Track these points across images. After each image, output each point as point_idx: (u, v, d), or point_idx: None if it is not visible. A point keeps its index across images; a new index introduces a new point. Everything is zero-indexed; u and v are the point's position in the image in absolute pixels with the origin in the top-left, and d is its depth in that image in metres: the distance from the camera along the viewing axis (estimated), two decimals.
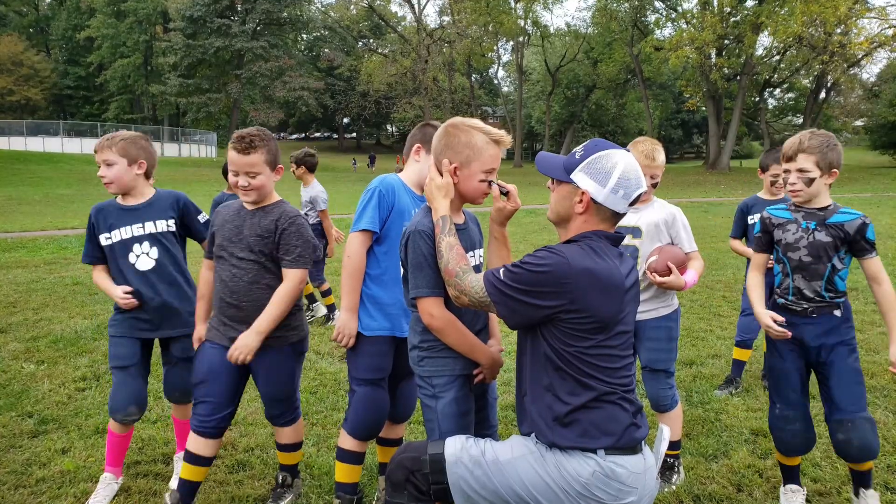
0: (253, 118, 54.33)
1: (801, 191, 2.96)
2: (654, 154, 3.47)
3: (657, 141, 3.58)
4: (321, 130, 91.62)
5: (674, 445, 3.55)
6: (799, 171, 2.94)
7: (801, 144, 2.95)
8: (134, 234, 3.28)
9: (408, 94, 54.85)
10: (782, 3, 40.87)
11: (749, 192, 21.41)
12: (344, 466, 3.07)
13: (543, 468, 2.05)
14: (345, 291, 2.93)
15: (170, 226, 3.36)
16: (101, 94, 67.28)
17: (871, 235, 2.93)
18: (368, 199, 2.89)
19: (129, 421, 3.31)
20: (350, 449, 3.04)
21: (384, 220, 2.88)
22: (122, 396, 3.25)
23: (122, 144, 3.23)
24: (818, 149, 2.90)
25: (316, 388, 4.94)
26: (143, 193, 3.35)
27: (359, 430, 3.01)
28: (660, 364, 3.48)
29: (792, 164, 2.98)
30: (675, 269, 3.25)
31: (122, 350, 3.30)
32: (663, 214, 3.49)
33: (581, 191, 2.13)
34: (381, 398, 3.01)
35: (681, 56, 41.56)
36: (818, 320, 2.99)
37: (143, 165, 3.29)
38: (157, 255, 3.30)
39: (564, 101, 67.57)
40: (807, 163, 2.92)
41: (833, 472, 3.62)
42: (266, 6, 50.97)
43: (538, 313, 2.04)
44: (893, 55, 45.75)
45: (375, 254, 2.94)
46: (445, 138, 2.40)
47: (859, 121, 63.05)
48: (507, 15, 51.65)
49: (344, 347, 2.97)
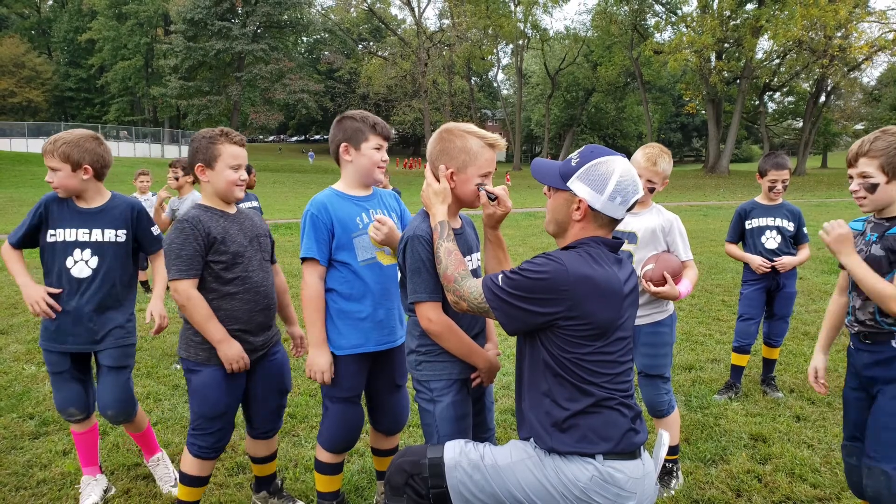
0: (253, 120, 54.34)
1: (864, 198, 2.60)
2: (657, 159, 3.47)
3: (667, 150, 3.57)
4: (321, 133, 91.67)
5: (672, 450, 3.55)
6: (861, 177, 2.59)
7: (862, 147, 2.60)
8: (78, 239, 3.11)
9: (407, 96, 54.89)
10: (782, 7, 40.97)
11: (748, 196, 21.39)
12: (323, 477, 3.05)
13: (542, 473, 2.06)
14: (308, 325, 2.83)
15: (119, 236, 3.17)
16: (102, 97, 67.37)
17: None
18: (303, 227, 2.81)
19: (74, 421, 3.26)
20: (326, 461, 3.02)
21: (326, 240, 2.78)
22: (60, 399, 3.21)
23: (63, 149, 3.02)
24: (884, 151, 2.53)
25: (315, 391, 4.95)
26: (95, 198, 3.17)
27: (333, 445, 2.98)
28: (655, 369, 3.49)
29: (853, 168, 2.64)
30: (670, 279, 3.24)
31: (51, 357, 3.18)
32: (660, 221, 3.48)
33: (578, 198, 2.13)
34: (355, 414, 2.96)
35: (680, 59, 41.65)
36: (872, 347, 2.64)
37: (88, 171, 3.07)
38: (97, 264, 3.12)
39: (564, 105, 67.64)
40: (869, 167, 2.56)
41: (833, 479, 3.62)
42: (266, 9, 50.93)
43: (536, 320, 2.05)
44: (894, 59, 45.74)
45: (337, 269, 2.83)
46: (441, 144, 2.42)
47: (860, 124, 62.99)
48: (507, 18, 51.78)
49: (321, 383, 2.86)
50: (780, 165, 4.77)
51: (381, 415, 3.10)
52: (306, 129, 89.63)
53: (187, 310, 2.75)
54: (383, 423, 3.12)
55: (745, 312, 4.94)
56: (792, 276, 4.90)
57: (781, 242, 4.79)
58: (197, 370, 2.83)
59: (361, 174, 2.87)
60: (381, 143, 2.84)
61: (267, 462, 3.23)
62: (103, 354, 3.19)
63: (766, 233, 4.83)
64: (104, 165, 3.15)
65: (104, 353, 3.19)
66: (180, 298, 2.74)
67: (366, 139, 2.81)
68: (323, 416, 2.99)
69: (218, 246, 2.79)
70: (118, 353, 3.20)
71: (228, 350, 2.78)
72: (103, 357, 3.20)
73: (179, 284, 2.73)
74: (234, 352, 2.79)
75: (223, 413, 2.86)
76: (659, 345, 3.48)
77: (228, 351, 2.78)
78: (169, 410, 4.54)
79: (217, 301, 2.80)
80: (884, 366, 2.59)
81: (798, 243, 4.86)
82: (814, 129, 49.68)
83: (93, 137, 3.14)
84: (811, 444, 4.06)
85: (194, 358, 2.83)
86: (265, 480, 3.27)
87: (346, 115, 2.88)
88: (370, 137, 2.82)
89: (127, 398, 3.25)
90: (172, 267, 2.73)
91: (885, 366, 2.58)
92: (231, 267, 2.81)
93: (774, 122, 61.94)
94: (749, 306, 4.93)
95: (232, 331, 2.81)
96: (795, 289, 4.96)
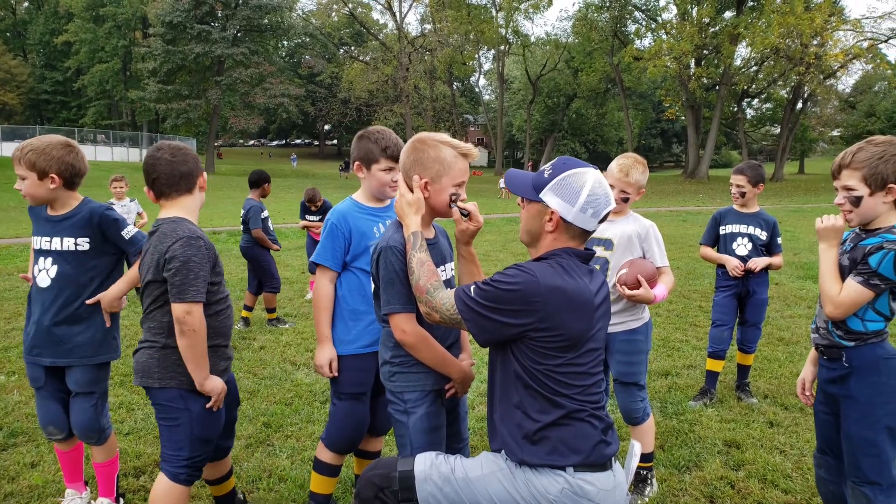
0: (233, 125, 54.02)
1: (850, 212, 2.51)
2: (629, 170, 3.46)
3: (641, 160, 3.57)
4: (302, 137, 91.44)
5: (646, 458, 3.56)
6: (845, 189, 2.51)
7: (844, 159, 2.51)
8: (42, 247, 3.04)
9: (389, 101, 54.90)
10: (759, 15, 41.52)
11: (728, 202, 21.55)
12: (319, 478, 3.09)
13: (513, 485, 2.06)
14: (316, 323, 2.98)
15: (79, 244, 3.01)
16: (78, 100, 66.55)
17: (874, 263, 2.40)
18: (324, 234, 2.94)
19: (55, 440, 3.18)
20: (327, 461, 3.06)
21: (341, 248, 2.90)
22: (41, 416, 3.13)
23: (29, 157, 2.89)
24: (866, 163, 2.44)
25: (291, 399, 4.91)
26: (65, 205, 3.05)
27: (337, 443, 3.01)
28: (630, 377, 3.48)
29: (837, 181, 2.55)
30: (644, 283, 3.25)
31: (31, 371, 3.11)
32: (636, 227, 3.49)
33: (550, 210, 2.14)
34: (362, 412, 3.01)
35: (660, 65, 42.04)
36: (828, 364, 2.62)
37: (55, 180, 2.93)
38: (56, 274, 3.00)
39: (545, 110, 68.01)
40: (851, 179, 2.48)
41: (804, 484, 3.65)
42: (247, 12, 50.63)
43: (508, 331, 2.05)
44: (868, 67, 46.52)
45: (355, 274, 2.94)
46: (414, 154, 2.41)
47: (836, 131, 63.98)
48: (489, 24, 51.95)
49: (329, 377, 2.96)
50: (737, 171, 4.87)
51: (373, 412, 3.13)
52: (287, 133, 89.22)
53: (194, 337, 2.52)
54: (374, 420, 3.15)
55: (717, 319, 4.99)
56: (763, 283, 4.94)
57: (752, 250, 4.83)
58: (194, 397, 2.63)
59: (373, 191, 2.99)
60: (391, 166, 2.91)
61: (222, 482, 3.15)
62: (69, 375, 3.06)
63: (738, 239, 4.87)
64: (75, 174, 2.99)
65: (69, 374, 3.06)
66: (193, 323, 2.50)
67: (376, 161, 2.91)
68: (330, 414, 3.05)
69: (217, 266, 2.68)
70: (81, 374, 3.05)
71: (217, 384, 2.65)
72: (68, 378, 3.07)
73: (196, 308, 2.51)
74: (220, 385, 2.67)
75: (218, 432, 2.79)
76: (633, 352, 3.48)
77: (217, 384, 2.65)
78: (142, 420, 4.48)
79: (209, 319, 2.63)
80: (839, 384, 2.58)
81: (770, 252, 4.89)
82: (791, 136, 50.41)
83: (63, 145, 2.97)
84: (783, 449, 4.10)
85: (188, 386, 2.61)
86: (225, 499, 3.18)
87: (365, 133, 2.97)
88: (380, 160, 2.91)
89: (91, 426, 3.08)
90: (191, 288, 2.50)
91: (840, 384, 2.57)
92: (222, 285, 2.74)
93: (753, 128, 62.70)
94: (721, 312, 4.97)
95: (217, 346, 2.70)
96: (767, 296, 5.00)
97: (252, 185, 7.29)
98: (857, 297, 2.44)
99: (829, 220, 2.59)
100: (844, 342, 2.54)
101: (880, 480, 2.48)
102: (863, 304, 2.46)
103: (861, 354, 2.51)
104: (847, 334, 2.53)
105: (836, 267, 2.55)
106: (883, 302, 2.48)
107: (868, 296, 2.43)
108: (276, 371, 5.59)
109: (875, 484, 2.48)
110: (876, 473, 2.48)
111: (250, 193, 7.26)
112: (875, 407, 2.48)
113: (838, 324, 2.54)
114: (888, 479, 2.48)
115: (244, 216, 7.12)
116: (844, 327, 2.53)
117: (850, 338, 2.53)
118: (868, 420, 2.49)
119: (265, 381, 5.31)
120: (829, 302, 2.50)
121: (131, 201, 8.29)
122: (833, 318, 2.52)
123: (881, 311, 2.49)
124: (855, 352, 2.52)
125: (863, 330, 2.50)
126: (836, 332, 2.55)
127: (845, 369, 2.54)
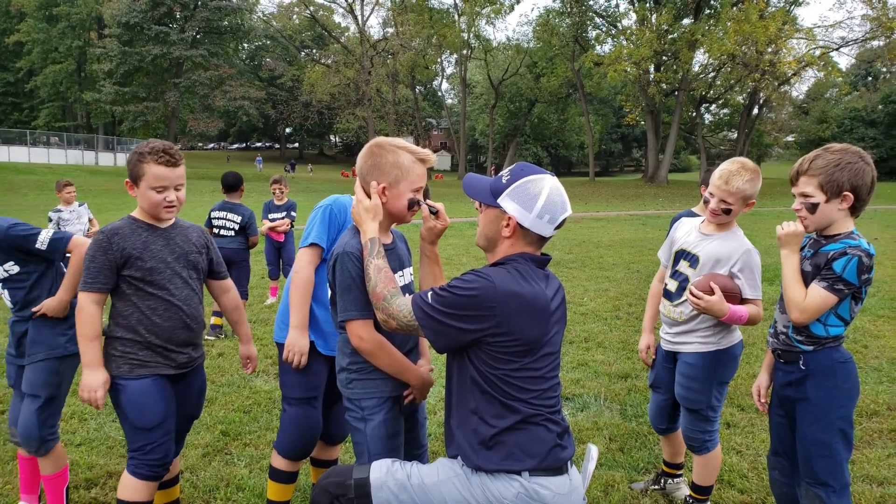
0: (192, 128, 53.27)
1: (805, 218, 2.54)
2: (730, 177, 3.03)
3: (752, 167, 3.09)
4: (262, 140, 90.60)
5: (702, 490, 3.36)
6: (802, 196, 2.53)
7: (801, 165, 2.53)
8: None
9: (351, 104, 54.67)
10: (716, 23, 42.39)
11: (687, 205, 21.78)
12: (275, 485, 3.05)
13: (469, 491, 2.05)
14: (293, 307, 2.85)
15: (8, 269, 3.06)
16: (30, 101, 64.91)
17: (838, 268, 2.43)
18: (317, 216, 2.87)
19: (12, 441, 3.16)
20: (281, 468, 3.02)
21: (332, 238, 2.84)
22: (9, 416, 3.13)
23: None
24: (822, 170, 2.45)
25: (250, 406, 4.84)
26: None
27: (290, 450, 2.98)
28: (691, 404, 3.20)
29: (795, 188, 2.56)
30: (717, 290, 2.92)
31: (8, 370, 3.19)
32: (730, 250, 3.08)
33: (508, 215, 2.14)
34: (313, 418, 2.97)
35: (619, 70, 42.61)
36: (785, 367, 2.66)
37: None
38: (9, 297, 3.12)
39: (507, 115, 68.42)
40: (808, 186, 2.49)
41: (759, 483, 3.72)
42: (206, 14, 50.04)
43: (465, 337, 2.04)
44: (820, 74, 47.78)
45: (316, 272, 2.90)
46: (371, 159, 2.40)
47: (790, 136, 65.60)
48: (450, 28, 52.08)
49: (296, 366, 2.86)
50: None
51: (328, 420, 3.09)
52: (247, 136, 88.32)
53: (77, 321, 2.63)
54: (329, 429, 3.12)
55: None
56: None
57: None
58: (123, 384, 2.66)
59: None
60: None
61: (169, 487, 3.09)
62: (24, 376, 3.07)
63: None
64: None
65: (24, 374, 3.07)
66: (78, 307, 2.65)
67: None
68: (281, 419, 2.99)
69: (134, 261, 2.67)
70: (29, 373, 3.04)
71: (90, 377, 2.62)
72: (23, 378, 3.07)
73: (80, 295, 2.65)
74: (93, 381, 2.62)
75: (162, 421, 2.70)
76: (700, 379, 3.16)
77: (89, 377, 2.62)
78: (95, 430, 4.37)
79: (138, 314, 2.67)
80: (795, 387, 2.61)
81: None
82: (748, 140, 51.58)
83: None
84: (739, 450, 4.16)
85: (117, 372, 2.66)
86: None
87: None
88: None
89: (30, 432, 3.02)
90: (81, 278, 2.66)
91: (796, 387, 2.60)
92: (149, 282, 2.69)
93: (711, 133, 63.94)
94: None
95: (153, 345, 2.69)
96: None
97: (230, 188, 7.08)
98: (823, 303, 2.46)
99: (790, 227, 2.60)
100: (804, 346, 2.57)
101: (833, 482, 2.53)
102: (827, 309, 2.48)
103: (818, 358, 2.55)
104: (808, 339, 2.56)
105: (799, 272, 2.58)
106: (845, 307, 2.51)
107: (832, 301, 2.46)
108: (235, 378, 5.50)
109: (828, 486, 2.53)
110: (829, 475, 2.53)
111: (227, 197, 7.06)
112: (829, 410, 2.52)
113: (800, 329, 2.56)
114: (841, 480, 2.53)
115: (243, 222, 6.95)
116: (806, 332, 2.55)
117: (810, 342, 2.56)
118: (822, 422, 2.53)
119: (223, 389, 5.23)
120: (794, 308, 2.53)
121: (80, 205, 8.07)
122: (798, 323, 2.54)
123: (842, 315, 2.53)
124: (812, 356, 2.56)
125: (824, 335, 2.54)
126: (797, 338, 2.59)
127: (802, 372, 2.58)
